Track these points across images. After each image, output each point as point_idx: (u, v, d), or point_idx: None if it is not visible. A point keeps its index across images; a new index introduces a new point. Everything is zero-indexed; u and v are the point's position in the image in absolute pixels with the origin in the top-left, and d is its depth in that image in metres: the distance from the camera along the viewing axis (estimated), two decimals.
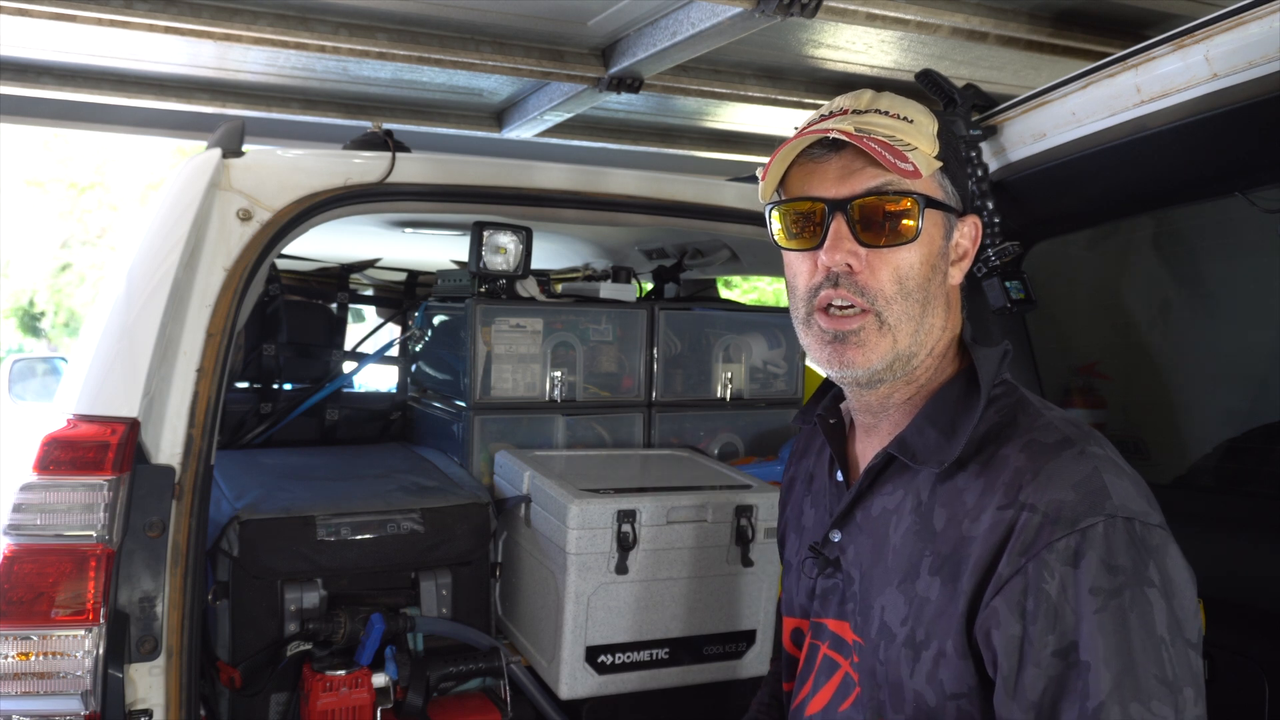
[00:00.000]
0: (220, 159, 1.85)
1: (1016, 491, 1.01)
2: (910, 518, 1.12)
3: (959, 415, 1.11)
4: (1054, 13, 2.40)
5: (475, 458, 2.46)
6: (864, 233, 1.09)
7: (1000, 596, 0.98)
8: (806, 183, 1.13)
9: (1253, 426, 2.09)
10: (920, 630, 1.06)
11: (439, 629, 2.12)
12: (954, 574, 1.04)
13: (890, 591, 1.11)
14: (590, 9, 2.37)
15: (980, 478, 1.06)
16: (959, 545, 1.04)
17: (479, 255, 2.44)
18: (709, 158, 3.70)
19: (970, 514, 1.04)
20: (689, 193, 2.31)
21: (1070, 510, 0.97)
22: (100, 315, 1.81)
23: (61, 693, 1.52)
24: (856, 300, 1.10)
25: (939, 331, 1.15)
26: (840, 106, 1.15)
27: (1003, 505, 1.01)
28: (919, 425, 1.13)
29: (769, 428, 2.74)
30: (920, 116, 1.14)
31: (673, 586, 2.02)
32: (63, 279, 17.45)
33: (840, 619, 1.20)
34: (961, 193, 1.17)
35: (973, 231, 1.19)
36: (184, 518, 1.65)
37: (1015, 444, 1.05)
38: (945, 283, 1.15)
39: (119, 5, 2.26)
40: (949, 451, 1.09)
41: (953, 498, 1.08)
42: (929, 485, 1.11)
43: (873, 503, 1.18)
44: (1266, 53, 1.23)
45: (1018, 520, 0.99)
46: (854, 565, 1.18)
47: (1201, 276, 2.24)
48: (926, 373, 1.16)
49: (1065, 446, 1.03)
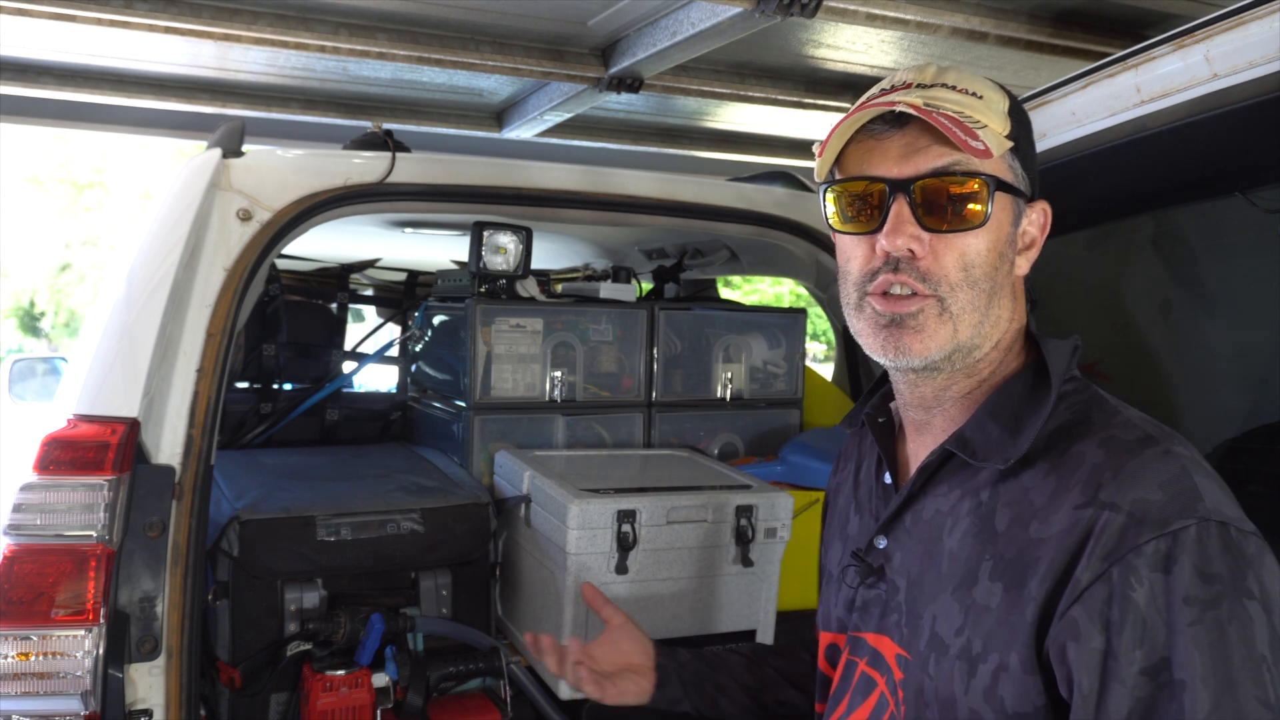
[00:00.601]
0: (220, 159, 1.85)
1: (1096, 490, 0.91)
2: (968, 520, 1.02)
3: (1025, 410, 1.02)
4: (1054, 13, 2.40)
5: (475, 458, 2.46)
6: (927, 216, 1.00)
7: (1079, 605, 0.89)
8: (865, 161, 1.04)
9: (1253, 426, 2.09)
10: (977, 641, 0.97)
11: (439, 629, 2.12)
12: (1019, 579, 0.95)
13: (943, 599, 1.02)
14: (590, 9, 2.37)
15: (1050, 476, 0.96)
16: (1026, 548, 0.95)
17: (479, 255, 2.44)
18: (709, 158, 3.70)
19: (1039, 514, 0.95)
20: (689, 193, 2.31)
21: (1159, 511, 0.88)
22: (100, 315, 1.81)
23: (61, 693, 1.52)
24: (918, 286, 1.01)
25: (1005, 324, 1.06)
26: (903, 80, 1.06)
27: (1080, 504, 0.92)
28: (980, 420, 1.04)
29: (769, 428, 2.74)
30: (990, 92, 1.05)
31: (673, 586, 2.02)
32: (63, 279, 17.47)
33: (880, 633, 1.11)
34: (1031, 176, 1.08)
35: (1042, 219, 1.10)
36: (184, 518, 1.65)
37: (1091, 440, 0.96)
38: (1012, 272, 1.06)
39: (119, 5, 2.26)
40: (1015, 448, 0.99)
41: (1018, 498, 0.98)
42: (989, 485, 1.02)
43: (924, 505, 1.09)
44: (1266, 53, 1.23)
45: (1098, 520, 0.90)
46: (900, 573, 1.10)
47: (1201, 276, 2.24)
48: (990, 366, 1.07)
49: (1148, 444, 0.94)
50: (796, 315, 2.82)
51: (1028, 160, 1.08)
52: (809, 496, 2.35)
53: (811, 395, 2.80)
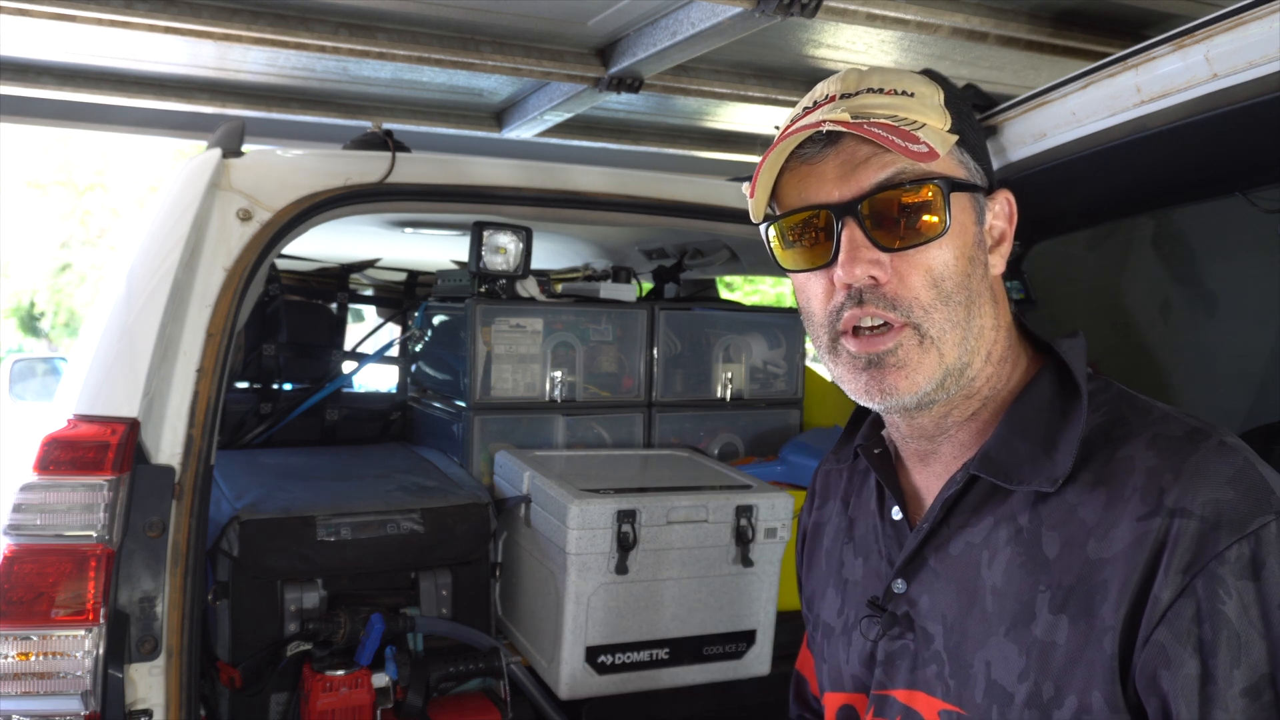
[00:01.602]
0: (220, 159, 1.85)
1: (1159, 495, 0.82)
2: (1009, 550, 0.92)
3: (1055, 422, 0.93)
4: (1054, 13, 2.40)
5: (475, 458, 2.46)
6: (883, 236, 0.91)
7: (1164, 627, 0.80)
8: (802, 189, 0.95)
9: (1253, 426, 2.09)
10: (1048, 684, 0.86)
11: (439, 629, 2.12)
12: (1086, 608, 0.85)
13: (996, 642, 0.91)
14: (590, 9, 2.37)
15: (1100, 488, 0.87)
16: (1087, 573, 0.85)
17: (479, 255, 2.44)
18: (709, 158, 3.70)
19: (1095, 532, 0.85)
20: (688, 192, 2.31)
21: (1233, 511, 0.79)
22: (100, 315, 1.81)
23: (61, 693, 1.52)
24: (888, 316, 0.91)
25: (991, 332, 0.97)
26: (825, 93, 0.97)
27: (1143, 514, 0.83)
28: (1004, 438, 0.94)
29: (769, 428, 2.74)
30: (921, 87, 0.96)
31: (673, 586, 2.02)
32: (63, 279, 17.48)
33: (913, 688, 0.99)
34: (985, 166, 1.00)
35: (1007, 208, 1.01)
36: (184, 518, 1.65)
37: (1136, 442, 0.87)
38: (987, 275, 0.97)
39: (119, 5, 2.26)
40: (1056, 465, 0.90)
41: (1065, 517, 0.89)
42: (1027, 508, 0.92)
43: (950, 540, 0.97)
44: (1266, 53, 1.23)
45: (1170, 529, 0.81)
46: (931, 619, 0.98)
47: (1201, 276, 2.25)
48: (987, 381, 0.98)
49: (1200, 438, 0.85)
50: (796, 315, 2.81)
51: (978, 151, 0.99)
52: None
53: (811, 395, 2.80)
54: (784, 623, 2.20)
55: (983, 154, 1.01)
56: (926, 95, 0.96)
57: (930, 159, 0.88)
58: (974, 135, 1.00)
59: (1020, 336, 1.02)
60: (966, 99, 1.02)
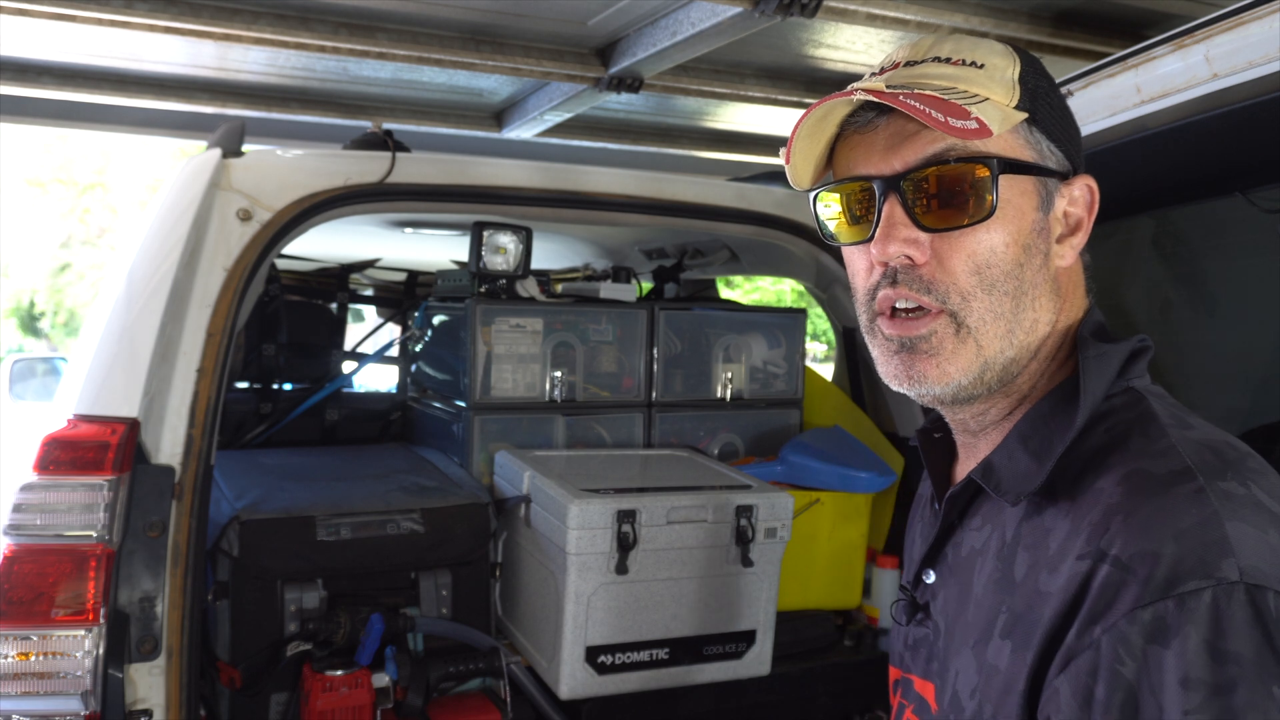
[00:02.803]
0: (220, 159, 1.85)
1: (1100, 536, 0.76)
2: (993, 562, 0.89)
3: (1055, 433, 0.87)
4: (1054, 13, 2.40)
5: (475, 458, 2.46)
6: (925, 214, 0.85)
7: (1064, 675, 0.76)
8: (852, 159, 0.90)
9: (1253, 426, 2.09)
10: (988, 707, 0.85)
11: (439, 629, 2.12)
12: (1025, 639, 0.81)
13: (965, 654, 0.90)
14: (590, 9, 2.37)
15: (1068, 516, 0.81)
16: (1033, 602, 0.81)
17: (479, 255, 2.44)
18: (709, 158, 3.70)
19: (1050, 563, 0.81)
20: (689, 192, 2.31)
21: (1167, 568, 0.72)
22: (100, 315, 1.81)
23: (61, 693, 1.52)
24: (923, 300, 0.86)
25: (1045, 328, 0.90)
26: (892, 60, 0.92)
27: (1082, 553, 0.77)
28: (1010, 446, 0.90)
29: (769, 428, 2.74)
30: (996, 59, 0.88)
31: (673, 586, 2.02)
32: (63, 279, 17.48)
33: (926, 679, 0.98)
34: (1067, 149, 0.91)
35: (1086, 195, 0.92)
36: (184, 518, 1.65)
37: (1114, 473, 0.80)
38: (1047, 265, 0.89)
39: (119, 5, 2.26)
40: (1033, 480, 0.85)
41: (1038, 540, 0.84)
42: (1015, 521, 0.88)
43: (962, 539, 0.95)
44: (1266, 53, 1.23)
45: (1094, 576, 0.75)
46: (941, 614, 0.97)
47: (1201, 276, 2.24)
48: (1030, 380, 0.91)
49: (1180, 480, 0.76)
50: (796, 315, 2.82)
51: (1056, 132, 0.90)
52: (809, 496, 2.36)
53: (811, 395, 2.80)
54: (784, 623, 2.20)
55: (1064, 136, 0.92)
56: (1000, 68, 0.88)
57: (979, 136, 0.81)
58: (1051, 115, 0.91)
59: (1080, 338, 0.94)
60: (1047, 75, 0.93)
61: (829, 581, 2.43)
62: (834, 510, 2.39)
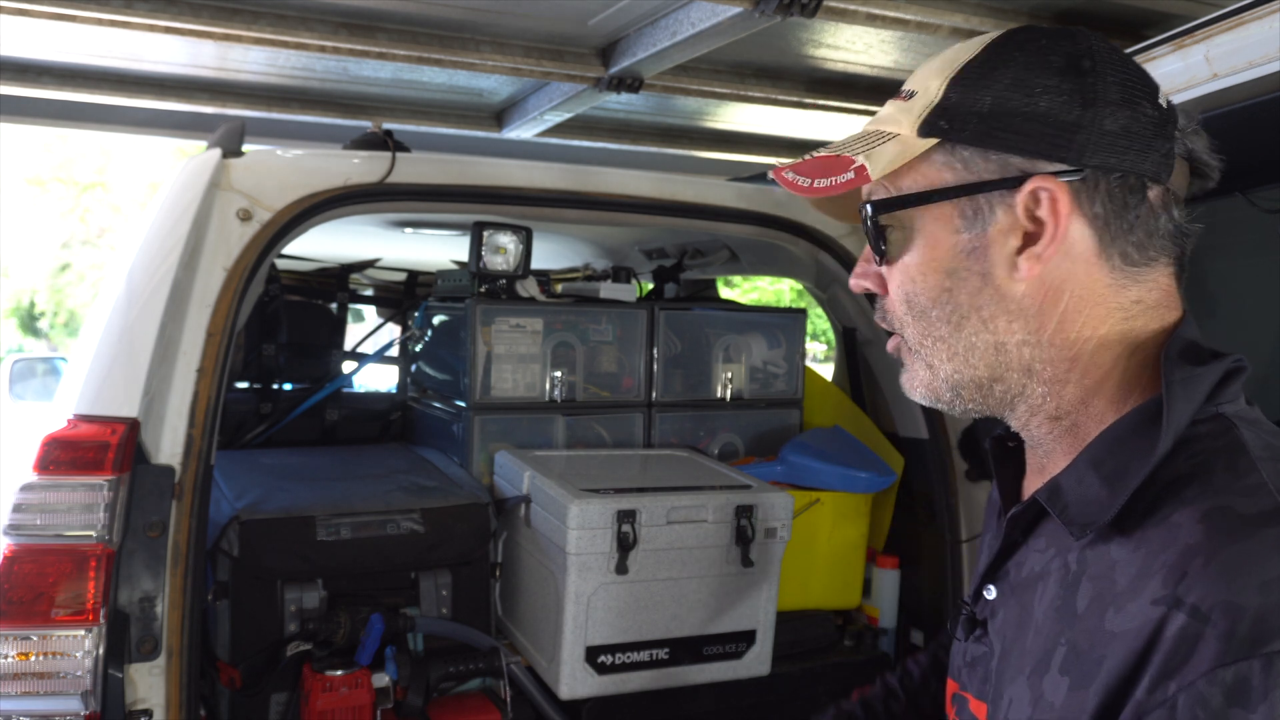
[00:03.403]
0: (220, 159, 1.85)
1: (1178, 581, 0.70)
2: (1055, 588, 0.83)
3: (1132, 459, 0.80)
4: (1054, 13, 2.40)
5: (475, 458, 2.46)
6: (874, 249, 0.92)
7: None
8: None
9: None
10: None
11: (439, 629, 2.12)
12: (1083, 679, 0.76)
13: (1020, 682, 0.84)
14: (590, 9, 2.37)
15: (1138, 552, 0.75)
16: (1097, 641, 0.75)
17: (479, 255, 2.44)
18: (709, 158, 3.70)
19: (1117, 601, 0.75)
20: (689, 192, 2.31)
21: (1252, 623, 0.66)
22: (100, 315, 1.81)
23: (61, 693, 1.52)
24: (883, 324, 0.95)
25: (1016, 349, 0.86)
26: None
27: (1158, 599, 0.71)
28: (1080, 469, 0.84)
29: (769, 428, 2.74)
30: (930, 81, 0.87)
31: (673, 586, 2.02)
32: (63, 279, 17.48)
33: (981, 699, 0.94)
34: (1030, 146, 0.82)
35: (1048, 200, 0.82)
36: (184, 518, 1.65)
37: (1195, 510, 0.73)
38: (991, 284, 0.85)
39: (119, 5, 2.26)
40: (1104, 510, 0.78)
41: (1104, 571, 0.78)
42: (1078, 547, 0.82)
43: (1025, 560, 0.91)
44: (1266, 53, 1.23)
45: (1169, 624, 0.69)
46: (999, 634, 0.92)
47: (1201, 276, 2.24)
48: (1058, 401, 0.87)
49: (1271, 522, 0.70)
50: (796, 315, 2.82)
51: (1005, 135, 0.82)
52: (809, 496, 2.36)
53: (811, 395, 2.80)
54: (784, 623, 2.20)
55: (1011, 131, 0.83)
56: (926, 91, 0.86)
57: (857, 183, 0.85)
58: (996, 120, 0.83)
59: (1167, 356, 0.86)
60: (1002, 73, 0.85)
61: (829, 581, 2.43)
62: (834, 510, 2.39)
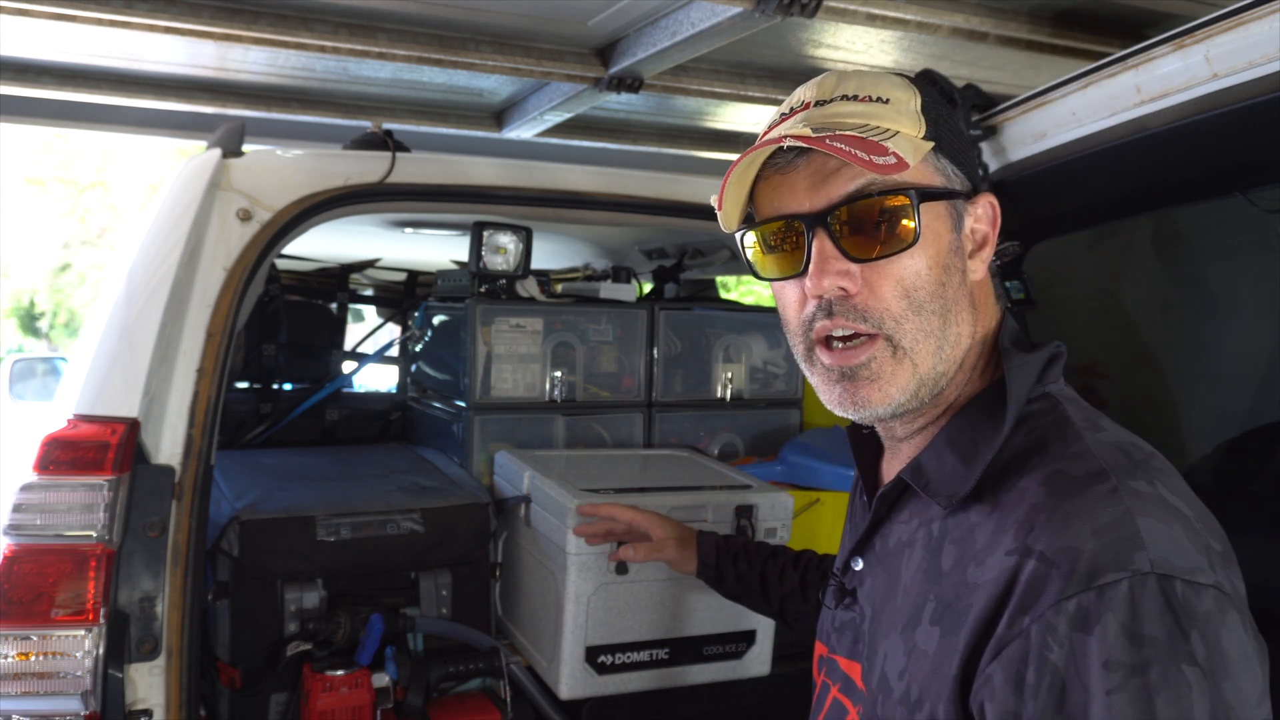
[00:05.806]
0: (220, 159, 1.85)
1: (1026, 534, 0.84)
2: (921, 554, 0.96)
3: (982, 438, 0.94)
4: (1054, 13, 2.40)
5: (475, 458, 2.46)
6: (853, 246, 0.92)
7: (997, 662, 0.82)
8: (776, 199, 0.96)
9: (1253, 426, 2.09)
10: (915, 687, 0.91)
11: (439, 629, 2.12)
12: (953, 626, 0.88)
13: (894, 638, 0.97)
14: (590, 9, 2.36)
15: (994, 514, 0.89)
16: (962, 593, 0.88)
17: (479, 255, 2.44)
18: (709, 158, 3.70)
19: (978, 556, 0.88)
20: (689, 192, 2.31)
21: (1087, 562, 0.79)
22: (100, 315, 1.81)
23: (61, 693, 1.52)
24: (859, 327, 0.93)
25: (967, 340, 0.98)
26: (801, 100, 0.98)
27: (1010, 550, 0.84)
28: (938, 448, 0.98)
29: (769, 428, 2.74)
30: (897, 92, 0.96)
31: (673, 586, 2.02)
32: (63, 279, 17.47)
33: (852, 659, 1.06)
34: (967, 170, 0.99)
35: (989, 212, 1.00)
36: (184, 518, 1.65)
37: (1037, 475, 0.87)
38: (965, 281, 0.98)
39: (119, 5, 2.26)
40: (964, 483, 0.92)
41: (964, 535, 0.91)
42: (941, 517, 0.95)
43: (890, 532, 1.03)
44: (1266, 53, 1.23)
45: (1023, 569, 0.82)
46: (868, 600, 1.05)
47: (1201, 276, 2.24)
48: (955, 389, 0.99)
49: (1096, 481, 0.84)
50: None
51: (957, 155, 0.98)
52: (809, 496, 2.36)
53: (811, 395, 2.79)
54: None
55: (963, 158, 0.99)
56: (902, 101, 0.95)
57: (898, 170, 0.88)
58: (953, 139, 0.98)
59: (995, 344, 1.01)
60: (944, 102, 1.01)
61: None
62: (834, 510, 2.39)
